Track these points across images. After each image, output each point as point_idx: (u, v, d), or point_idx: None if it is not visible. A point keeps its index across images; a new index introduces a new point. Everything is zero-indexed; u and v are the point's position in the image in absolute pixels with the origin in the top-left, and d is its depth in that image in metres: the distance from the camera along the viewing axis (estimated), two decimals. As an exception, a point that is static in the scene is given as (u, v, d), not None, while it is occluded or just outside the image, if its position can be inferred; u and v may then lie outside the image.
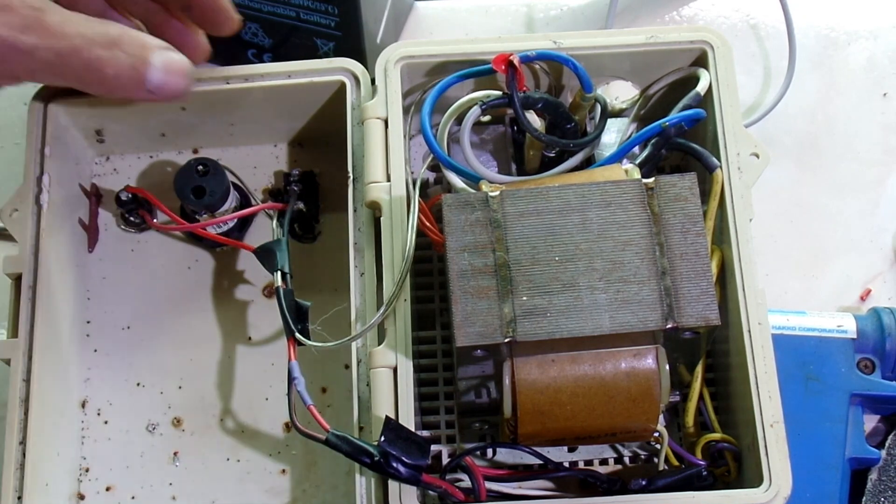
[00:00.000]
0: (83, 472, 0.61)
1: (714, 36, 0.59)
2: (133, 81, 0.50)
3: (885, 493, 0.58)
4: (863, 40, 0.72)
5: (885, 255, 0.67)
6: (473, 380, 0.53)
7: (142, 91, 0.50)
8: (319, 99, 0.62)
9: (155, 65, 0.50)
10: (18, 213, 0.58)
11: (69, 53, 0.48)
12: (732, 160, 0.56)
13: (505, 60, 0.54)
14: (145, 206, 0.63)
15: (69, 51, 0.48)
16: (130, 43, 0.49)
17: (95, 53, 0.48)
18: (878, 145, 0.69)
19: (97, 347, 0.63)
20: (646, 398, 0.50)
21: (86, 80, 0.49)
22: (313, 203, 0.64)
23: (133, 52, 0.49)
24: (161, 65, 0.50)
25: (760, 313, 0.53)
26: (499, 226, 0.51)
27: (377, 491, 0.53)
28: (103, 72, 0.49)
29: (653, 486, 0.53)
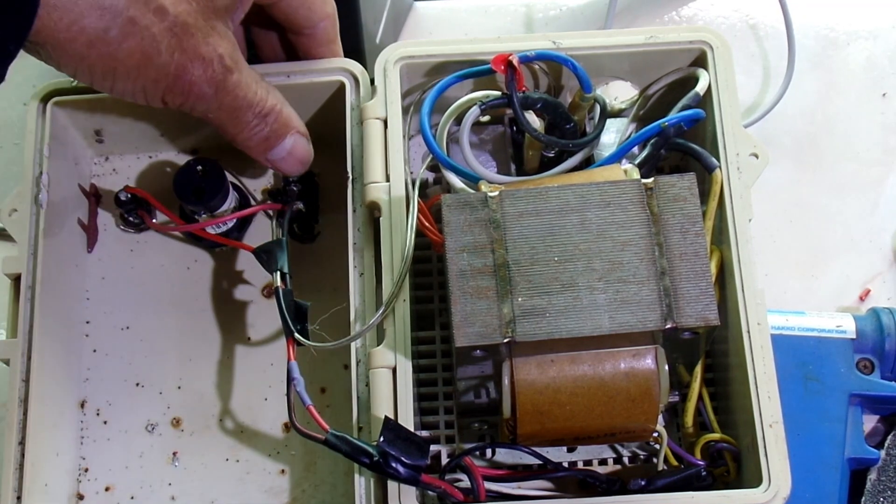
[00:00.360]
0: (82, 472, 0.61)
1: (713, 36, 0.59)
2: (259, 148, 0.57)
3: (884, 493, 0.58)
4: (862, 40, 0.72)
5: (885, 256, 0.67)
6: (472, 380, 0.53)
7: (262, 157, 0.58)
8: (319, 99, 0.61)
9: (285, 143, 0.57)
10: (18, 213, 0.58)
11: (228, 110, 0.54)
12: (732, 160, 0.56)
13: (504, 61, 0.54)
14: (144, 206, 0.63)
15: (229, 108, 0.54)
16: (277, 119, 0.56)
17: (247, 119, 0.55)
18: (878, 145, 0.69)
19: (96, 347, 0.63)
20: (645, 398, 0.50)
21: (227, 131, 0.56)
22: (312, 203, 0.64)
23: (274, 128, 0.56)
24: (289, 146, 0.57)
25: (760, 313, 0.53)
26: (498, 226, 0.51)
27: (376, 491, 0.53)
28: (242, 133, 0.56)
29: (652, 487, 0.53)
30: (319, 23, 0.59)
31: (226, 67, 0.52)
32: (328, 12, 0.59)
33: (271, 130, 0.56)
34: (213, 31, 0.52)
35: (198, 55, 0.51)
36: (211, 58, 0.52)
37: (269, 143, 0.57)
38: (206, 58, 0.51)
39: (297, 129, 0.57)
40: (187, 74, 0.51)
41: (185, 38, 0.50)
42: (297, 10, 0.57)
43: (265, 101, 0.55)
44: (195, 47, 0.51)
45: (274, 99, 0.56)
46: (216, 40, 0.52)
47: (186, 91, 0.52)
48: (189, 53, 0.51)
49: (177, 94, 0.52)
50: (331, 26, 0.59)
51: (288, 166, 0.58)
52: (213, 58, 0.52)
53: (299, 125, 0.58)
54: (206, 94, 0.53)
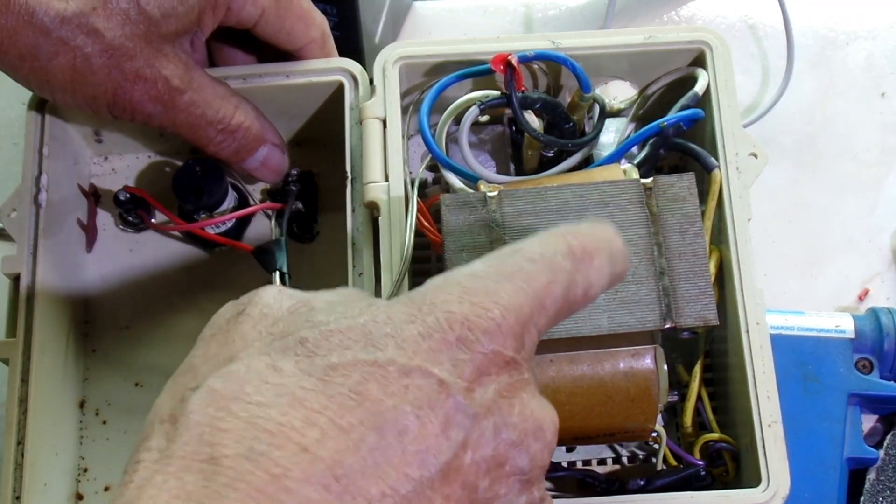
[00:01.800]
0: (81, 472, 0.60)
1: (712, 36, 0.59)
2: (231, 159, 0.58)
3: (883, 492, 0.58)
4: (861, 40, 0.72)
5: (884, 255, 0.67)
6: (472, 380, 0.53)
7: (235, 167, 0.59)
8: (318, 99, 0.61)
9: (256, 157, 0.59)
10: (17, 213, 0.58)
11: (185, 126, 0.55)
12: (731, 160, 0.56)
13: (503, 60, 0.54)
14: (144, 206, 0.63)
15: (185, 125, 0.55)
16: (245, 135, 0.57)
17: (208, 134, 0.56)
18: (877, 145, 0.69)
19: (95, 347, 0.63)
20: (644, 398, 0.50)
21: (193, 142, 0.57)
22: (312, 203, 0.64)
23: (243, 143, 0.57)
24: (261, 158, 0.59)
25: (759, 313, 0.53)
26: (497, 226, 0.51)
27: (375, 491, 0.53)
28: (208, 146, 0.57)
29: (651, 486, 0.53)
30: (304, 46, 0.59)
31: (173, 88, 0.53)
32: (312, 37, 0.59)
33: (240, 145, 0.57)
34: (158, 54, 0.53)
35: (138, 76, 0.52)
36: (154, 79, 0.53)
37: (240, 155, 0.58)
38: (147, 78, 0.53)
39: (270, 141, 0.58)
40: (126, 93, 0.53)
41: (122, 60, 0.52)
42: (275, 35, 0.58)
43: (229, 117, 0.56)
44: (135, 69, 0.52)
45: (242, 115, 0.57)
46: (161, 62, 0.53)
47: (130, 108, 0.54)
48: (127, 74, 0.52)
49: (120, 109, 0.54)
50: (317, 50, 0.59)
51: (262, 175, 0.60)
52: (155, 79, 0.53)
53: (273, 137, 0.59)
54: (154, 112, 0.54)
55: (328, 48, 0.60)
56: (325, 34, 0.60)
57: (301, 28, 0.58)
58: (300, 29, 0.58)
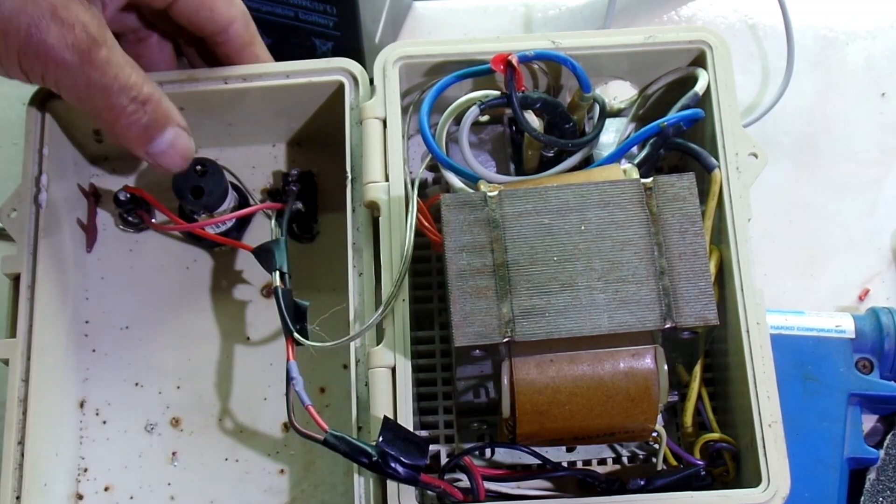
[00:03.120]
0: (82, 472, 0.60)
1: (712, 36, 0.59)
2: (138, 140, 0.54)
3: (883, 492, 0.58)
4: (861, 40, 0.72)
5: (884, 255, 0.67)
6: (472, 380, 0.53)
7: (142, 150, 0.54)
8: (318, 99, 0.62)
9: (165, 135, 0.54)
10: (17, 213, 0.58)
11: (98, 88, 0.51)
12: (731, 160, 0.56)
13: (503, 60, 0.54)
14: (144, 206, 0.63)
15: (99, 86, 0.51)
16: (156, 108, 0.53)
17: (121, 102, 0.52)
18: (877, 145, 0.69)
19: (96, 347, 0.63)
20: (644, 398, 0.50)
21: (102, 118, 0.53)
22: (312, 203, 0.64)
23: (153, 117, 0.53)
24: (170, 139, 0.54)
25: (759, 313, 0.53)
26: (497, 226, 0.51)
27: (376, 491, 0.53)
28: (119, 119, 0.52)
29: (651, 486, 0.53)
30: (228, 27, 0.58)
31: (91, 36, 0.49)
32: (234, 15, 0.57)
33: (150, 119, 0.53)
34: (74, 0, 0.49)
35: (55, 15, 0.48)
36: (72, 22, 0.48)
37: (149, 133, 0.54)
38: (65, 20, 0.48)
39: (178, 122, 0.55)
40: (41, 33, 0.48)
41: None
42: (197, 13, 0.56)
43: (141, 86, 0.52)
44: (51, 5, 0.48)
45: (151, 87, 0.53)
46: (78, 8, 0.49)
47: (44, 55, 0.48)
48: (42, 10, 0.47)
49: (33, 56, 0.48)
50: (242, 29, 0.58)
51: (169, 161, 0.55)
52: (73, 22, 0.48)
53: (180, 119, 0.55)
54: (70, 63, 0.49)
55: (252, 30, 0.59)
56: (246, 14, 0.58)
57: (222, 4, 0.56)
58: (221, 6, 0.56)
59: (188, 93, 0.60)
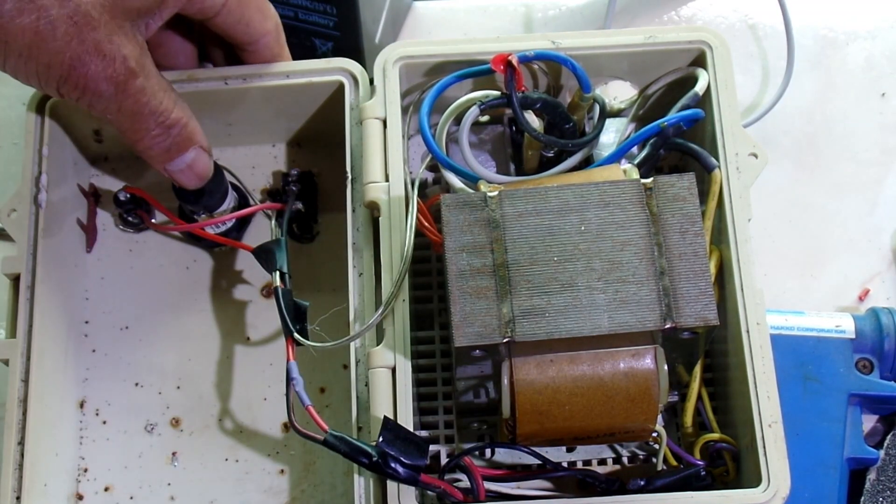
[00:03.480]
0: (81, 472, 0.60)
1: (712, 36, 0.59)
2: (159, 158, 0.56)
3: (883, 492, 0.58)
4: (861, 40, 0.72)
5: (884, 255, 0.67)
6: (472, 380, 0.53)
7: (160, 166, 0.57)
8: (318, 99, 0.62)
9: (185, 158, 0.56)
10: (17, 213, 0.58)
11: (128, 114, 0.53)
12: (731, 160, 0.56)
13: (503, 60, 0.54)
14: (143, 206, 0.63)
15: (129, 112, 0.53)
16: (181, 132, 0.55)
17: (147, 126, 0.54)
18: (877, 145, 0.69)
19: (95, 347, 0.63)
20: (644, 398, 0.50)
21: (127, 136, 0.54)
22: (312, 203, 0.64)
23: (177, 140, 0.55)
24: (189, 160, 0.56)
25: (759, 313, 0.53)
26: (497, 226, 0.51)
27: (376, 491, 0.53)
28: (143, 140, 0.55)
29: (651, 487, 0.53)
30: (260, 39, 0.58)
31: (129, 69, 0.51)
32: (268, 29, 0.58)
33: (173, 143, 0.55)
34: (119, 30, 0.51)
35: (98, 50, 0.50)
36: (113, 56, 0.50)
37: (170, 154, 0.56)
38: (107, 55, 0.50)
39: (199, 143, 0.57)
40: (83, 67, 0.50)
41: (85, 30, 0.49)
42: (234, 26, 0.57)
43: (170, 111, 0.54)
44: (97, 42, 0.50)
45: (180, 111, 0.55)
46: (121, 40, 0.51)
47: (82, 85, 0.51)
48: (87, 46, 0.50)
49: (72, 86, 0.51)
50: (273, 42, 0.59)
51: (185, 179, 0.57)
52: (115, 56, 0.50)
53: (202, 140, 0.57)
54: (105, 93, 0.51)
55: (282, 42, 0.60)
56: (279, 27, 0.59)
57: (259, 19, 0.57)
58: (258, 20, 0.57)
59: (188, 93, 0.60)
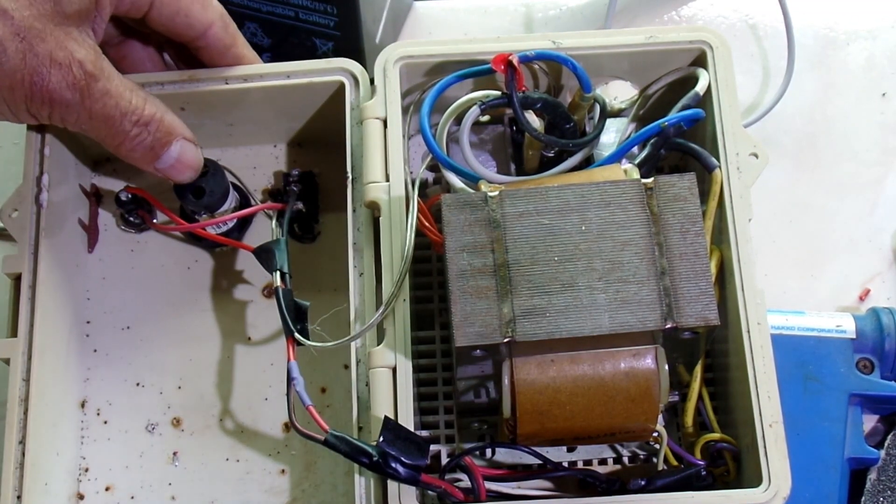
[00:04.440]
0: (82, 471, 0.61)
1: (713, 36, 0.59)
2: (146, 158, 0.56)
3: (883, 492, 0.58)
4: (861, 40, 0.72)
5: (884, 255, 0.67)
6: (472, 380, 0.53)
7: (150, 166, 0.56)
8: (318, 99, 0.62)
9: (171, 151, 0.56)
10: (18, 213, 0.58)
11: (100, 119, 0.53)
12: (731, 160, 0.56)
13: (504, 60, 0.54)
14: (145, 206, 0.63)
15: (101, 117, 0.53)
16: (159, 127, 0.55)
17: (123, 128, 0.54)
18: (877, 145, 0.69)
19: (97, 347, 0.63)
20: (645, 398, 0.50)
21: (107, 143, 0.54)
22: (312, 203, 0.64)
23: (157, 136, 0.55)
24: (175, 153, 0.56)
25: (759, 313, 0.53)
26: (498, 226, 0.51)
27: (376, 491, 0.53)
28: (123, 143, 0.54)
29: (652, 486, 0.53)
30: (206, 31, 0.58)
31: (88, 73, 0.51)
32: (211, 18, 0.57)
33: (154, 139, 0.55)
34: (67, 36, 0.51)
35: (53, 60, 0.50)
36: (69, 62, 0.50)
37: (155, 151, 0.55)
38: (62, 63, 0.50)
39: (182, 134, 0.56)
40: (43, 80, 0.50)
41: (35, 42, 0.49)
42: (173, 19, 0.56)
43: (142, 109, 0.54)
44: (49, 52, 0.50)
45: (153, 107, 0.54)
46: (73, 46, 0.51)
47: (48, 99, 0.51)
48: (42, 58, 0.50)
49: (39, 102, 0.51)
50: (221, 32, 0.58)
51: (178, 174, 0.57)
52: (70, 62, 0.50)
53: (185, 131, 0.57)
54: (71, 101, 0.51)
55: (232, 31, 0.59)
56: (225, 15, 0.58)
57: (197, 9, 0.56)
58: (197, 10, 0.56)
59: (189, 93, 0.60)
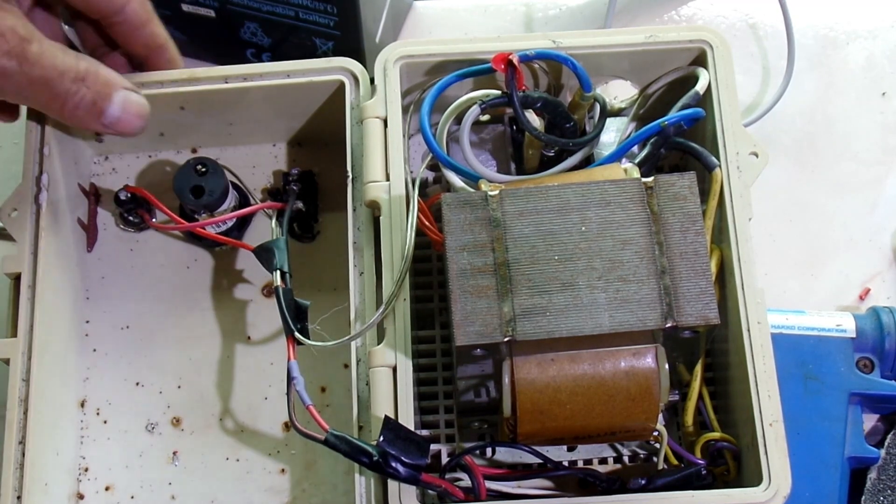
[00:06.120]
0: (82, 471, 0.60)
1: (713, 35, 0.59)
2: (91, 115, 0.55)
3: (884, 492, 0.58)
4: (861, 40, 0.72)
5: (884, 255, 0.67)
6: (473, 379, 0.53)
7: (98, 124, 0.55)
8: (318, 98, 0.62)
9: (114, 102, 0.55)
10: (17, 212, 0.58)
11: (40, 83, 0.52)
12: (731, 159, 0.56)
13: (504, 60, 0.54)
14: (144, 205, 0.63)
15: (40, 80, 0.52)
16: (96, 80, 0.54)
17: (63, 86, 0.53)
18: (877, 145, 0.69)
19: (96, 347, 0.63)
20: (645, 397, 0.50)
21: (50, 108, 0.54)
22: (312, 202, 0.64)
23: (97, 89, 0.54)
24: (120, 103, 0.55)
25: (759, 312, 0.53)
26: (498, 225, 0.51)
27: (377, 490, 0.53)
28: (66, 103, 0.53)
29: (652, 486, 0.53)
30: (125, 6, 0.57)
31: (21, 38, 0.50)
32: None
33: (94, 92, 0.54)
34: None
35: None
36: (2, 31, 0.50)
37: (98, 105, 0.54)
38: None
39: (122, 85, 0.55)
40: None
41: None
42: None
43: (76, 65, 0.53)
44: None
45: (87, 62, 0.54)
46: (3, 15, 0.50)
47: None
48: None
49: None
50: (140, 7, 0.57)
51: (126, 125, 0.56)
52: (4, 31, 0.50)
53: (123, 81, 0.56)
54: (10, 69, 0.51)
55: (149, 7, 0.58)
56: None
57: None
58: None
59: (188, 92, 0.60)
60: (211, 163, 0.61)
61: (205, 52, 0.70)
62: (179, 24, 0.68)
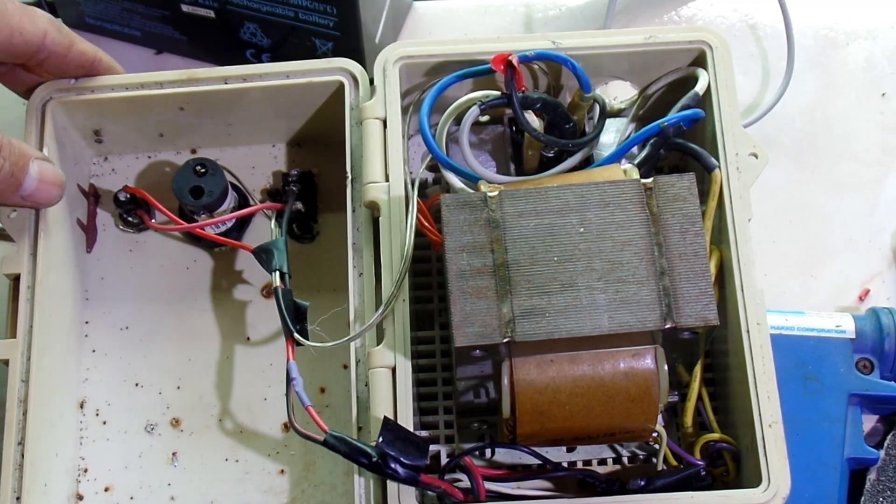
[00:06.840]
0: (82, 472, 0.60)
1: (713, 36, 0.59)
2: (10, 189, 0.54)
3: (883, 493, 0.58)
4: (861, 40, 0.72)
5: (884, 255, 0.67)
6: (472, 380, 0.53)
7: (16, 197, 0.55)
8: (318, 99, 0.61)
9: (31, 174, 0.54)
10: (17, 213, 0.58)
11: None
12: (731, 160, 0.56)
13: (504, 60, 0.54)
14: (143, 206, 0.63)
15: None
16: (11, 151, 0.53)
17: None
18: (877, 145, 0.69)
19: (95, 348, 0.63)
20: (644, 398, 0.50)
21: None
22: (312, 203, 0.64)
23: (12, 160, 0.53)
24: (36, 174, 0.55)
25: (759, 313, 0.53)
26: (497, 226, 0.51)
27: (376, 491, 0.53)
28: None
29: (651, 487, 0.53)
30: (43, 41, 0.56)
31: None
32: (43, 26, 0.56)
33: (11, 164, 0.53)
34: None
35: None
36: None
37: (16, 177, 0.54)
38: None
39: (35, 155, 0.55)
40: None
41: None
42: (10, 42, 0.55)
43: None
44: None
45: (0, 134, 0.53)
46: None
47: None
48: None
49: None
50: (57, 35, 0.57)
51: (45, 195, 0.56)
52: None
53: (35, 151, 0.55)
54: None
55: (66, 30, 0.57)
56: (53, 19, 0.57)
57: (27, 23, 0.55)
58: (27, 25, 0.55)
59: (188, 93, 0.60)
60: (210, 163, 0.61)
61: (204, 53, 0.70)
62: (179, 24, 0.68)
